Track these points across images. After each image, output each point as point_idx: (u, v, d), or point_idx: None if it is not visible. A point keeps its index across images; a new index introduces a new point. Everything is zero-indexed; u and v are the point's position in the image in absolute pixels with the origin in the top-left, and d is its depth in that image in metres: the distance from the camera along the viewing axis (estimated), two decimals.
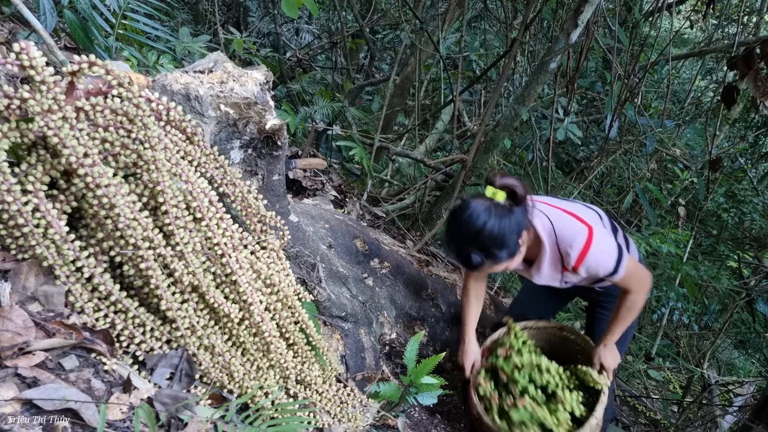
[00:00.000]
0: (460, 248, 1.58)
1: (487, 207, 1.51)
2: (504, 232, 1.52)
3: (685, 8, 5.96)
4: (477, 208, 1.51)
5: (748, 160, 5.41)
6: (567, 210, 1.73)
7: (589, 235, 1.64)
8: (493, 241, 1.52)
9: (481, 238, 1.52)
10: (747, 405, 3.74)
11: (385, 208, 3.44)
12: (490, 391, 1.94)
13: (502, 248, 1.55)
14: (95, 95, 1.07)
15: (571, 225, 1.67)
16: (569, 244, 1.64)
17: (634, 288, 1.76)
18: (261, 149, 1.47)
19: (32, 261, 1.09)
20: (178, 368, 1.20)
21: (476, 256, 1.55)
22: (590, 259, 1.64)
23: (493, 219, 1.50)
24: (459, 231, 1.56)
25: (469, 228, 1.52)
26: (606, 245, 1.67)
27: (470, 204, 1.53)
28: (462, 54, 3.62)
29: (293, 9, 2.20)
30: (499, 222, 1.50)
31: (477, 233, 1.51)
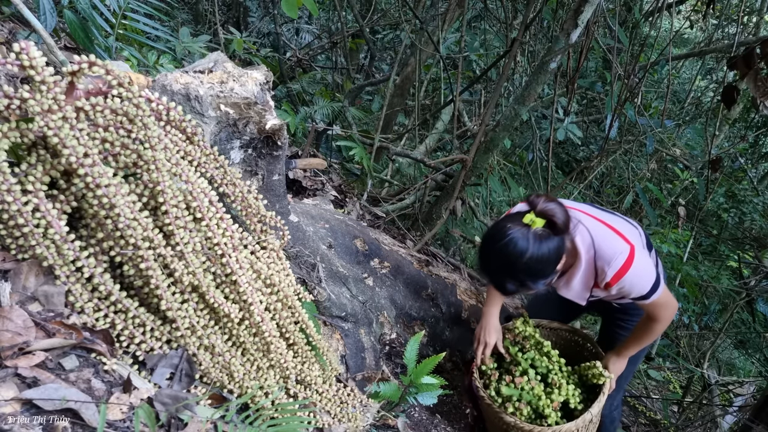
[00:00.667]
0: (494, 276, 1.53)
1: (525, 236, 1.44)
2: (542, 263, 1.46)
3: (685, 8, 5.96)
4: (514, 236, 1.44)
5: (748, 160, 5.41)
6: (610, 225, 1.66)
7: (630, 254, 1.58)
8: (530, 272, 1.47)
9: (517, 270, 1.46)
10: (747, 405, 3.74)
11: (385, 208, 3.44)
12: (492, 369, 1.98)
13: (539, 279, 1.49)
14: (95, 95, 1.07)
15: (612, 242, 1.61)
16: (608, 262, 1.58)
17: (659, 317, 1.71)
18: (261, 149, 1.47)
19: (32, 261, 1.09)
20: (178, 368, 1.20)
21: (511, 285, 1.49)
22: (626, 280, 1.59)
23: (530, 250, 1.43)
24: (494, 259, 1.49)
25: (505, 258, 1.45)
26: (645, 268, 1.61)
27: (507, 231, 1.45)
28: (462, 54, 3.62)
29: (293, 9, 2.20)
30: (537, 253, 1.43)
31: (513, 264, 1.45)
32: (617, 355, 1.94)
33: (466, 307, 2.62)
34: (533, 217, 1.46)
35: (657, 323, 1.74)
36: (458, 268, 2.95)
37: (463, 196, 3.41)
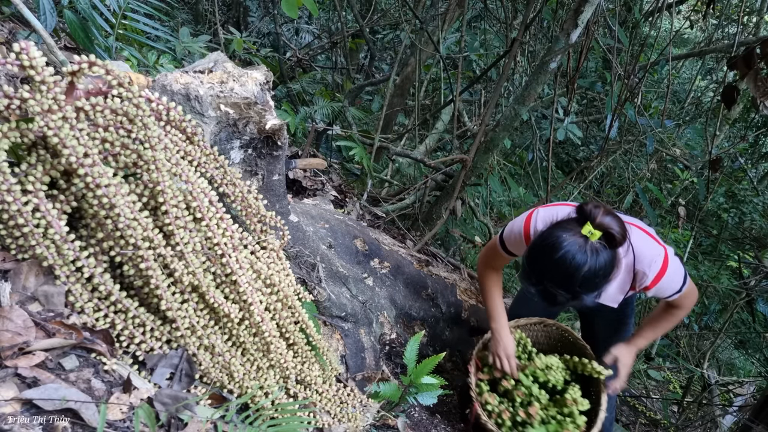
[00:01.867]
0: (545, 287, 1.47)
1: (583, 248, 1.40)
2: (598, 276, 1.42)
3: (685, 8, 5.96)
4: (572, 248, 1.39)
5: (748, 160, 5.41)
6: (643, 228, 1.67)
7: (665, 257, 1.61)
8: (585, 284, 1.43)
9: (573, 282, 1.42)
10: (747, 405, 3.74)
11: (385, 208, 3.44)
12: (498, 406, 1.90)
13: (592, 291, 1.46)
14: (95, 95, 1.07)
15: (650, 247, 1.62)
16: (647, 266, 1.59)
17: (685, 305, 1.74)
18: (261, 149, 1.47)
19: (32, 261, 1.09)
20: (178, 368, 1.20)
21: (563, 297, 1.45)
22: (664, 281, 1.61)
23: (588, 263, 1.39)
24: (548, 270, 1.44)
25: (561, 270, 1.41)
26: (677, 267, 1.65)
27: (563, 242, 1.40)
28: (462, 54, 3.62)
29: (293, 9, 2.20)
30: (595, 266, 1.40)
31: (570, 277, 1.41)
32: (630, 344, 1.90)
33: (466, 307, 2.62)
34: (591, 229, 1.42)
35: (680, 310, 1.76)
36: (458, 268, 2.95)
37: (463, 196, 3.41)
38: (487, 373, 2.01)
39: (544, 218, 1.67)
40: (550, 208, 1.71)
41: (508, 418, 1.86)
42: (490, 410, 1.89)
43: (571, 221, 1.47)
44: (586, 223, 1.43)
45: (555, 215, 1.63)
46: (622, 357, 1.89)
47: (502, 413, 1.88)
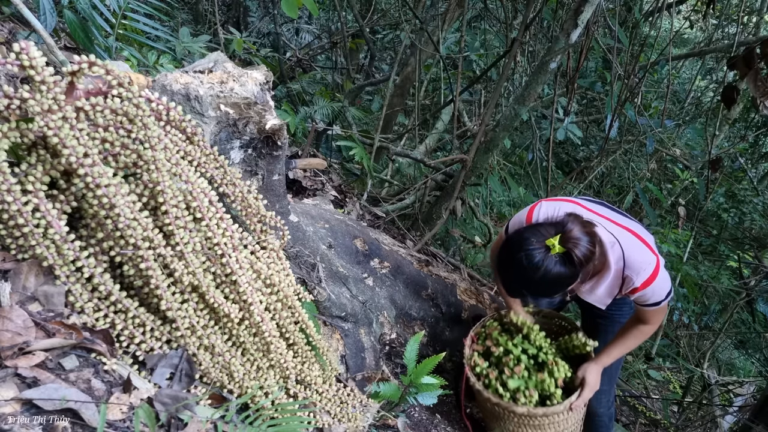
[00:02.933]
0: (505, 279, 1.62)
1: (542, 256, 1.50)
2: (552, 285, 1.53)
3: (685, 8, 5.96)
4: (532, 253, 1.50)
5: (748, 160, 5.41)
6: (638, 235, 1.70)
7: (656, 266, 1.63)
8: (537, 289, 1.55)
9: (526, 283, 1.54)
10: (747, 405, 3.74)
11: (385, 208, 3.44)
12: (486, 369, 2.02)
13: (543, 297, 1.62)
14: (95, 95, 1.07)
15: (642, 254, 1.65)
16: (636, 272, 1.62)
17: (653, 321, 1.76)
18: (261, 149, 1.47)
19: (32, 261, 1.09)
20: (178, 368, 1.20)
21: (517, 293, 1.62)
22: (650, 290, 1.64)
23: (542, 271, 1.49)
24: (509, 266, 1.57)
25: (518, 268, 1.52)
26: (665, 279, 1.67)
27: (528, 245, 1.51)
28: (462, 54, 3.62)
29: (293, 9, 2.20)
30: (549, 276, 1.50)
31: (524, 277, 1.53)
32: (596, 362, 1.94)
33: (466, 307, 2.62)
34: (555, 242, 1.50)
35: (647, 326, 1.79)
36: (458, 268, 2.95)
37: (463, 196, 3.41)
38: (481, 344, 2.12)
39: (546, 212, 1.71)
40: (554, 203, 1.74)
41: (494, 378, 1.97)
42: (479, 372, 2.01)
43: (549, 227, 1.56)
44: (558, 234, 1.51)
45: (556, 210, 1.68)
46: (588, 376, 1.92)
47: (489, 374, 1.99)
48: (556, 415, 1.90)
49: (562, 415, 1.91)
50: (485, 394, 1.92)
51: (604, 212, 1.76)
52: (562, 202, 1.75)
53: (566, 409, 1.89)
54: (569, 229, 1.52)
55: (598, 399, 2.05)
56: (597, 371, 1.93)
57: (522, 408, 1.87)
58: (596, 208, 1.78)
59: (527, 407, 1.87)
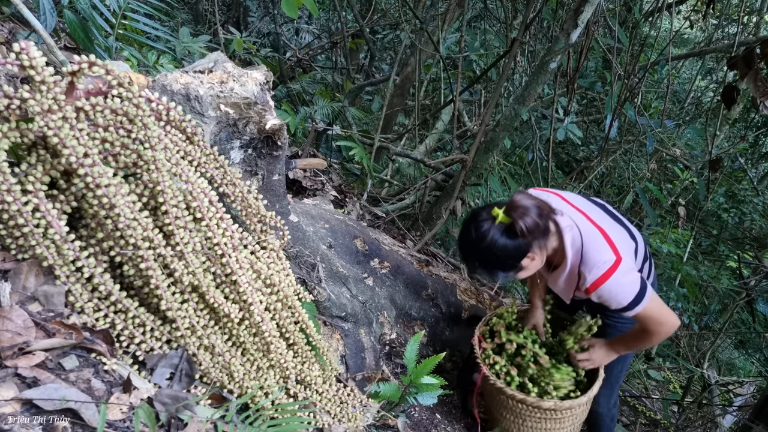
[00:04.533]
0: (461, 253, 1.66)
1: (489, 226, 1.52)
2: (498, 256, 1.54)
3: (685, 8, 5.96)
4: (480, 223, 1.54)
5: (748, 160, 5.41)
6: (605, 232, 1.66)
7: (613, 265, 1.58)
8: (486, 260, 1.57)
9: (476, 254, 1.57)
10: (747, 405, 3.74)
11: (385, 208, 3.44)
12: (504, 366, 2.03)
13: (496, 269, 1.60)
14: (95, 95, 1.07)
15: (600, 250, 1.61)
16: (589, 269, 1.60)
17: (650, 330, 1.71)
18: (261, 149, 1.47)
19: (32, 261, 1.09)
20: (178, 368, 1.20)
21: (471, 267, 1.65)
22: (604, 289, 1.60)
23: (487, 240, 1.52)
24: (462, 238, 1.61)
25: (468, 240, 1.56)
26: (626, 280, 1.60)
27: (478, 217, 1.55)
28: (462, 54, 3.62)
29: (293, 9, 2.20)
30: (494, 245, 1.52)
31: (473, 248, 1.56)
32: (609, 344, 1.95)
33: (466, 307, 2.62)
34: (500, 212, 1.53)
35: (648, 335, 1.74)
36: (458, 268, 2.95)
37: (463, 196, 3.41)
38: (490, 342, 2.11)
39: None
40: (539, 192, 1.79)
41: (516, 374, 1.99)
42: (498, 370, 2.01)
43: (503, 204, 1.59)
44: (494, 209, 1.55)
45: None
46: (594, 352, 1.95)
47: (510, 370, 2.00)
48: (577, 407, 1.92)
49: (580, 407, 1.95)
50: (508, 392, 1.91)
51: (584, 207, 1.74)
52: (546, 192, 1.79)
53: (589, 401, 1.93)
54: (516, 200, 1.54)
55: (598, 399, 2.05)
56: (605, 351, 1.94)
57: (548, 402, 1.87)
58: (577, 202, 1.76)
59: (554, 401, 1.88)
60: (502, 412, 2.00)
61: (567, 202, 1.75)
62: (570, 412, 1.93)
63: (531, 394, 1.93)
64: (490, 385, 1.96)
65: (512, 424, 2.01)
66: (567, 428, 1.99)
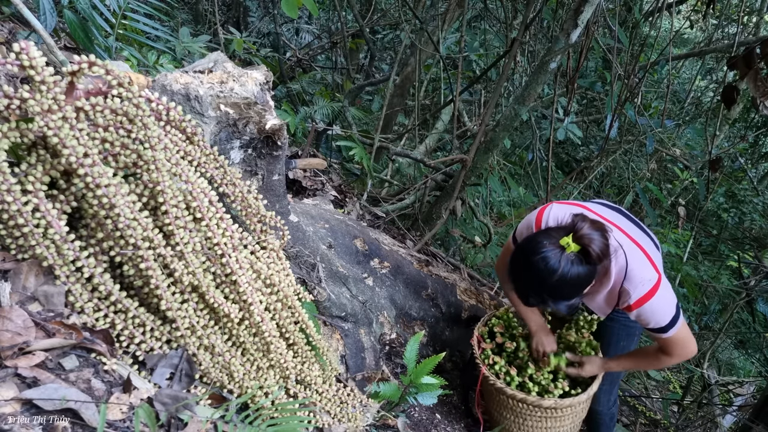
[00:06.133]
0: (519, 286, 1.55)
1: (558, 257, 1.44)
2: (569, 287, 1.47)
3: (685, 8, 5.96)
4: (547, 255, 1.45)
5: (748, 160, 5.41)
6: (642, 247, 1.66)
7: (656, 284, 1.59)
8: (554, 292, 1.48)
9: (543, 287, 1.48)
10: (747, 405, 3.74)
11: (385, 208, 3.44)
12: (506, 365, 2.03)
13: (562, 300, 1.51)
14: (95, 95, 1.07)
15: (643, 268, 1.60)
16: (634, 287, 1.58)
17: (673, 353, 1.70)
18: (261, 149, 1.47)
19: (32, 261, 1.09)
20: (178, 368, 1.20)
21: (533, 300, 1.53)
22: (647, 308, 1.60)
23: (560, 272, 1.44)
24: (524, 271, 1.50)
25: (534, 273, 1.47)
26: (667, 300, 1.61)
27: (541, 248, 1.46)
28: (462, 54, 3.62)
29: (293, 9, 2.20)
30: (566, 277, 1.44)
31: (541, 281, 1.47)
32: (605, 361, 1.95)
33: (466, 307, 2.62)
34: (570, 241, 1.46)
35: (667, 357, 1.73)
36: (458, 268, 2.95)
37: (463, 196, 3.41)
38: (490, 342, 2.11)
39: (556, 215, 1.68)
40: (564, 207, 1.71)
41: (515, 374, 1.99)
42: (498, 370, 2.01)
43: (560, 229, 1.52)
44: (569, 234, 1.48)
45: (565, 214, 1.64)
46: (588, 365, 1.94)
47: (509, 371, 2.00)
48: (577, 405, 1.94)
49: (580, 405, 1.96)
50: (508, 391, 1.92)
51: (614, 219, 1.73)
52: (572, 206, 1.72)
53: (589, 398, 1.94)
54: (580, 227, 1.48)
55: (598, 398, 2.06)
56: (598, 366, 1.94)
57: (549, 401, 1.88)
58: (607, 214, 1.75)
59: (554, 399, 1.89)
60: (503, 412, 2.01)
61: (598, 214, 1.71)
62: (570, 410, 1.93)
63: (531, 393, 1.93)
64: (490, 385, 1.97)
65: (513, 424, 2.01)
66: (567, 426, 2.00)
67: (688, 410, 4.19)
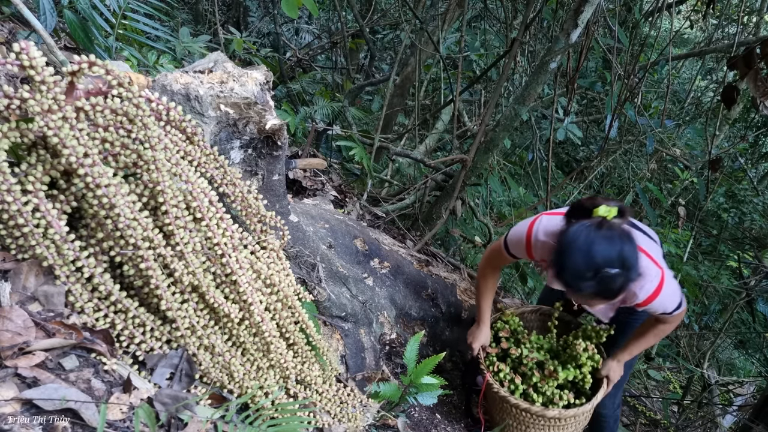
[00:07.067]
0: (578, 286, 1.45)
1: (607, 229, 1.41)
2: (633, 256, 1.43)
3: (685, 8, 5.96)
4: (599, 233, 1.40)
5: (748, 160, 5.41)
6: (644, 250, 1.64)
7: (661, 280, 1.61)
8: (624, 264, 1.41)
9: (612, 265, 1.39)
10: (747, 405, 3.74)
11: (385, 208, 3.44)
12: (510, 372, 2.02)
13: (630, 270, 1.44)
14: (95, 95, 1.07)
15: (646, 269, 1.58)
16: (640, 286, 1.57)
17: (673, 322, 1.75)
18: (261, 149, 1.47)
19: (32, 261, 1.09)
20: (178, 368, 1.20)
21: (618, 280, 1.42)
22: (657, 303, 1.63)
23: (621, 243, 1.40)
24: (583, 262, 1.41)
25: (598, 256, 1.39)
26: (672, 289, 1.64)
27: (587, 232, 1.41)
28: (462, 54, 3.62)
29: (293, 9, 2.20)
30: (627, 243, 1.42)
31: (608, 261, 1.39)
32: (617, 360, 1.96)
33: (466, 307, 2.62)
34: (607, 208, 1.43)
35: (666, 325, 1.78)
36: (458, 268, 2.95)
37: (463, 196, 3.41)
38: (494, 347, 2.10)
39: (546, 226, 1.68)
40: (553, 217, 1.70)
41: (520, 383, 1.98)
42: (503, 377, 2.00)
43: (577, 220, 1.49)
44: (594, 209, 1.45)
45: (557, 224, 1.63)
46: (612, 374, 1.95)
47: (514, 379, 1.99)
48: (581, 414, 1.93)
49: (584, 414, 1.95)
50: (512, 400, 1.89)
51: None
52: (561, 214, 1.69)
53: (593, 407, 1.92)
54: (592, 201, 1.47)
55: (603, 401, 2.05)
56: (618, 366, 1.95)
57: (553, 411, 1.86)
58: None
59: (558, 410, 1.87)
60: (505, 418, 2.00)
61: None
62: (574, 419, 1.92)
63: (536, 403, 1.91)
64: (494, 393, 1.95)
65: (515, 430, 2.00)
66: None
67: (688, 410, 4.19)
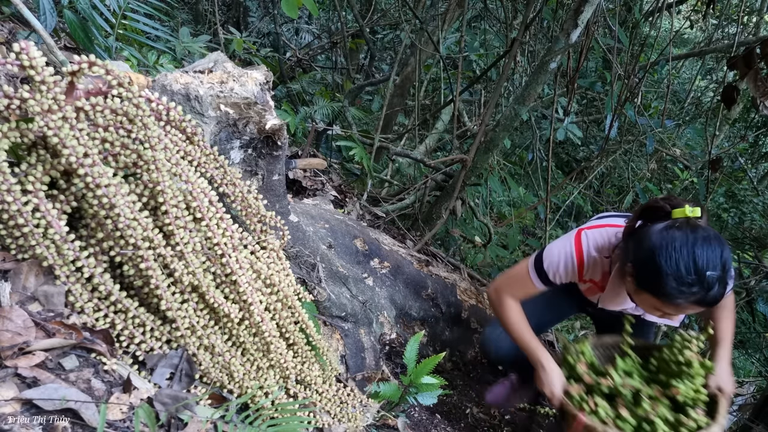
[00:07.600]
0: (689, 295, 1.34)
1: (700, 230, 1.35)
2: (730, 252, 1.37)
3: (685, 8, 5.96)
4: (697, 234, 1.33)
5: (748, 160, 5.41)
6: None
7: None
8: (728, 262, 1.35)
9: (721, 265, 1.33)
10: (747, 405, 3.74)
11: (385, 208, 3.44)
12: (609, 410, 1.62)
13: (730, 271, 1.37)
14: (95, 95, 1.07)
15: None
16: None
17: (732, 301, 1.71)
18: (261, 149, 1.47)
19: (32, 261, 1.09)
20: (178, 368, 1.20)
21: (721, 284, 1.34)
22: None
23: (720, 241, 1.34)
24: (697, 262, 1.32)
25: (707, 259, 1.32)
26: None
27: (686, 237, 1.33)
28: (462, 54, 3.62)
29: (293, 9, 2.20)
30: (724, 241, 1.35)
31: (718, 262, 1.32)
32: (725, 364, 1.68)
33: (466, 307, 2.62)
34: (690, 207, 1.38)
35: (733, 306, 1.72)
36: (458, 268, 2.95)
37: (463, 196, 3.41)
38: (575, 385, 1.69)
39: (596, 241, 1.61)
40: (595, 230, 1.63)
41: (629, 416, 1.58)
42: (603, 416, 1.60)
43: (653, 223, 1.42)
44: (675, 209, 1.40)
45: (606, 236, 1.59)
46: (725, 386, 1.65)
47: (620, 413, 1.60)
48: None
49: None
50: None
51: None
52: (606, 228, 1.63)
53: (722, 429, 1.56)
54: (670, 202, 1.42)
55: None
56: (728, 372, 1.67)
57: None
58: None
59: None
60: None
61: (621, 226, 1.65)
62: None
63: None
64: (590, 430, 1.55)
65: None
66: None
67: None
